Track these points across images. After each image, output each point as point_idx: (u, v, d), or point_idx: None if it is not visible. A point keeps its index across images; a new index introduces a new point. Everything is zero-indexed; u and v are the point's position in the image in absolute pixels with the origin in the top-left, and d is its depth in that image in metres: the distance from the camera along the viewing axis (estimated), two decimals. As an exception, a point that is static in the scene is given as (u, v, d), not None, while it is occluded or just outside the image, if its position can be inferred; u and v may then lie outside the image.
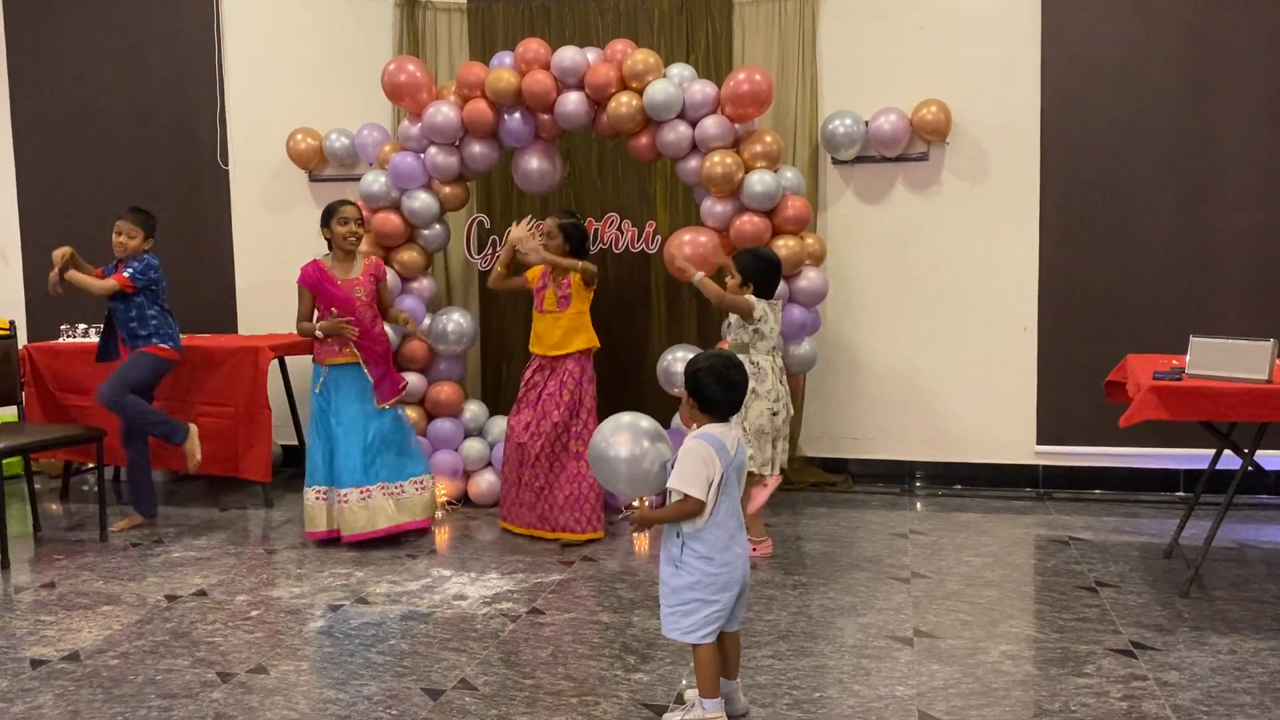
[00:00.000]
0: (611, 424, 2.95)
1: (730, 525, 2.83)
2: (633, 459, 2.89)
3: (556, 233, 4.87)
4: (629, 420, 2.95)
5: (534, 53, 5.20)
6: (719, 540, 2.81)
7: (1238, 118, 5.28)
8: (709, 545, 2.80)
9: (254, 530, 5.19)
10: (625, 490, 2.94)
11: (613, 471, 2.90)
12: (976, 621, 3.74)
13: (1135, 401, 3.82)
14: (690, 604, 2.82)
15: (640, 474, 2.90)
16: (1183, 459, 5.40)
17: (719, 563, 2.81)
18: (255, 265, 6.50)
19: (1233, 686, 3.15)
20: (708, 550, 2.80)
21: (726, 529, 2.82)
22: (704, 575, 2.81)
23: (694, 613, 2.82)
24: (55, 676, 3.39)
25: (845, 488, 5.75)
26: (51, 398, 5.83)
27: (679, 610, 2.84)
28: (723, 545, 2.81)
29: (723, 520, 2.81)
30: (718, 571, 2.81)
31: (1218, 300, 5.34)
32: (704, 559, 2.81)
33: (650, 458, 2.90)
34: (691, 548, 2.82)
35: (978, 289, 5.63)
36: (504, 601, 4.03)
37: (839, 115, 5.56)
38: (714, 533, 2.81)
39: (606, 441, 2.90)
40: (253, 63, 6.46)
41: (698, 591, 2.81)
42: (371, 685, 3.28)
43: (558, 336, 4.86)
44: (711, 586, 2.81)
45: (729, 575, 2.82)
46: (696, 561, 2.81)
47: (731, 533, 2.84)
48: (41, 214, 6.87)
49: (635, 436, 2.90)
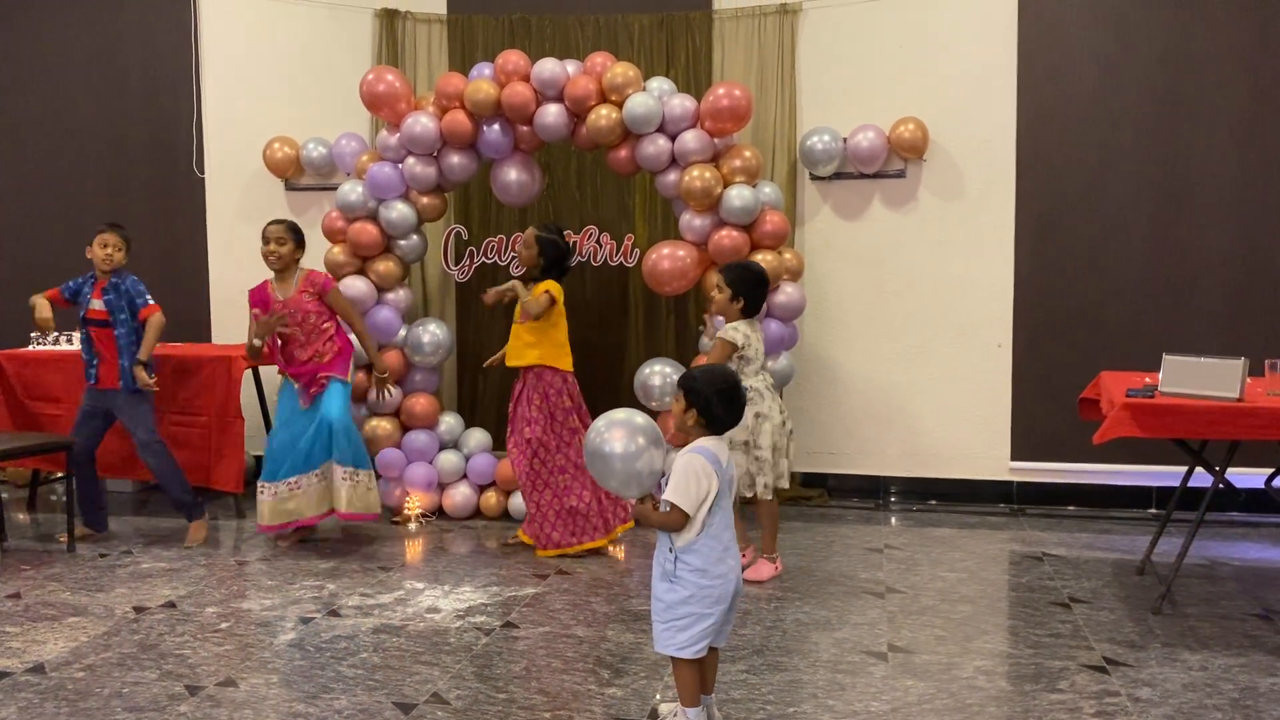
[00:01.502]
0: (606, 420, 2.91)
1: (724, 538, 2.83)
2: (627, 455, 2.84)
3: (533, 244, 4.85)
4: (624, 416, 2.92)
5: (513, 64, 5.20)
6: (713, 553, 2.80)
7: (1211, 136, 5.35)
8: (703, 558, 2.79)
9: (225, 541, 5.13)
10: (616, 487, 2.90)
11: (607, 467, 2.87)
12: (951, 637, 3.74)
13: (1108, 419, 3.85)
14: (685, 618, 2.80)
15: (633, 473, 2.86)
16: (1155, 476, 5.44)
17: (713, 575, 2.80)
18: (230, 275, 6.44)
19: (1204, 703, 3.16)
20: (702, 563, 2.79)
21: (720, 541, 2.81)
22: (698, 589, 2.79)
23: (689, 627, 2.80)
24: (19, 689, 3.33)
25: (821, 502, 5.76)
26: (21, 406, 5.75)
27: (674, 625, 2.82)
28: (717, 558, 2.80)
29: (716, 533, 2.81)
30: (712, 584, 2.80)
31: (1191, 318, 5.39)
32: (698, 572, 2.79)
33: (645, 459, 2.86)
34: (685, 561, 2.80)
35: (953, 305, 5.66)
36: (477, 615, 4.00)
37: (817, 131, 5.59)
38: (708, 545, 2.80)
39: (601, 437, 2.87)
40: (230, 71, 6.43)
41: (693, 605, 2.80)
42: (342, 699, 3.24)
43: (516, 347, 4.88)
44: (706, 600, 2.80)
45: (723, 587, 2.81)
46: (690, 575, 2.80)
47: (725, 545, 2.83)
48: (13, 221, 6.79)
49: (630, 433, 2.86)
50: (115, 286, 4.95)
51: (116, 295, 4.94)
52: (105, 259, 4.94)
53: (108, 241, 4.96)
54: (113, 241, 4.97)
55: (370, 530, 5.24)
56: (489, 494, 5.48)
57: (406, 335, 5.51)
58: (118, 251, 4.98)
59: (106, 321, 4.94)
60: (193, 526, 5.06)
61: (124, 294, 4.94)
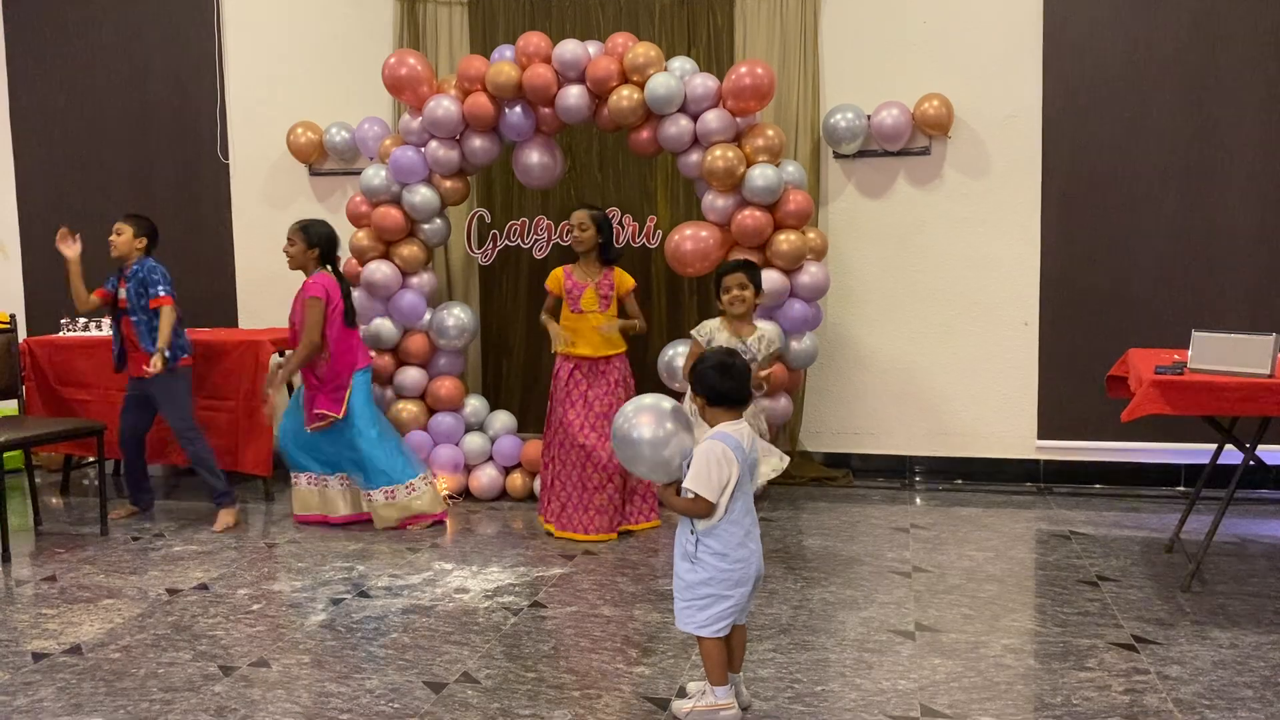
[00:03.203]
0: (634, 405, 2.92)
1: (745, 522, 2.85)
2: (655, 441, 2.85)
3: (589, 223, 4.79)
4: (651, 401, 2.93)
5: (535, 46, 5.19)
6: (734, 537, 2.83)
7: (1240, 111, 5.28)
8: (724, 542, 2.82)
9: (254, 524, 5.19)
10: (645, 473, 2.91)
11: (635, 453, 2.87)
12: (978, 615, 3.74)
13: (1137, 396, 3.82)
14: (705, 599, 2.85)
15: (662, 460, 2.86)
16: (1184, 454, 5.40)
17: (733, 559, 2.83)
18: (256, 259, 6.49)
19: (1234, 680, 3.15)
20: (722, 547, 2.83)
21: (742, 526, 2.84)
22: (718, 571, 2.83)
23: (709, 607, 2.84)
24: (57, 670, 3.39)
25: (846, 482, 5.75)
26: (52, 391, 5.82)
27: (694, 605, 2.86)
28: (738, 542, 2.83)
29: (738, 518, 2.83)
30: (731, 568, 2.83)
31: (1220, 294, 5.34)
32: (718, 555, 2.83)
33: (673, 445, 2.87)
34: (706, 544, 2.84)
35: (979, 283, 5.63)
36: (506, 595, 4.03)
37: (841, 109, 5.56)
38: (729, 529, 2.83)
39: (630, 422, 2.87)
40: (253, 56, 6.45)
41: (712, 587, 2.84)
42: (374, 679, 3.28)
43: (599, 339, 4.80)
44: (726, 582, 2.83)
45: (744, 571, 2.84)
46: (711, 558, 2.83)
47: (747, 529, 2.86)
48: (41, 208, 6.87)
49: (659, 418, 2.87)
50: (135, 275, 5.01)
51: (135, 284, 5.00)
52: (112, 246, 5.03)
53: (114, 229, 5.04)
54: (116, 229, 5.04)
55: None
56: (515, 475, 5.51)
57: (431, 319, 5.53)
58: (118, 237, 5.02)
59: (128, 309, 5.03)
60: (222, 513, 5.12)
61: (140, 282, 5.00)
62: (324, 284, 4.88)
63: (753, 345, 4.45)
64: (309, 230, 4.95)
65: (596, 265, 4.84)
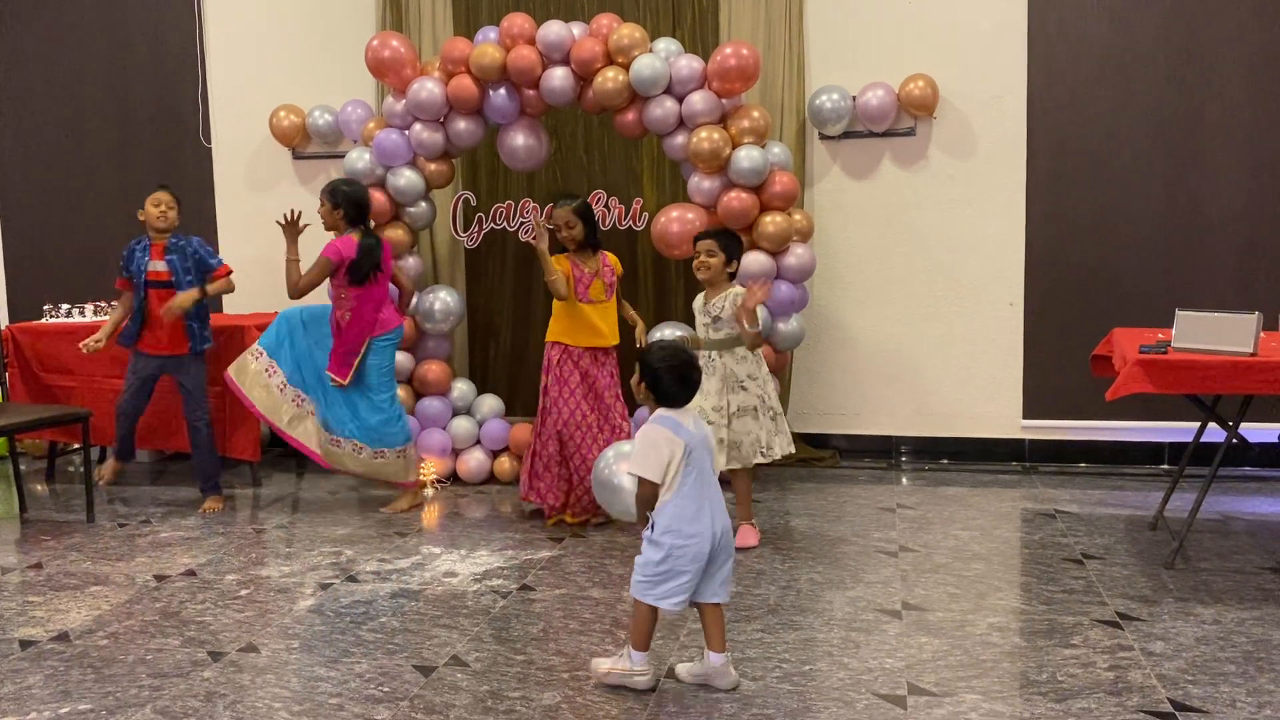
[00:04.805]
0: (615, 451, 3.14)
1: (699, 497, 2.92)
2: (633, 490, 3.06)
3: (575, 221, 4.63)
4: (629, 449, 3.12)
5: (519, 28, 5.16)
6: (686, 513, 2.91)
7: (1225, 91, 5.29)
8: (675, 518, 2.91)
9: (242, 509, 5.18)
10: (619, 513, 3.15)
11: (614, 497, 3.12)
12: (964, 594, 3.76)
13: (1121, 375, 3.84)
14: (662, 574, 2.93)
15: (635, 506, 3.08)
16: (1168, 432, 5.44)
17: (686, 534, 2.90)
18: (239, 244, 6.44)
19: (1217, 656, 3.19)
20: (675, 523, 2.91)
21: (694, 501, 2.91)
22: (673, 548, 2.91)
23: (665, 581, 2.93)
24: (45, 657, 3.39)
25: (832, 463, 5.77)
26: (35, 378, 5.79)
27: (652, 579, 2.95)
28: (690, 517, 2.91)
29: (690, 493, 2.91)
30: (685, 543, 2.90)
31: (1203, 274, 5.37)
32: (671, 532, 2.91)
33: None
34: (660, 524, 2.93)
35: (964, 264, 5.64)
36: (494, 578, 4.04)
37: (826, 90, 5.55)
38: (681, 505, 2.91)
39: (610, 469, 3.15)
40: (234, 39, 6.40)
41: (669, 563, 2.92)
42: (363, 663, 3.29)
43: (608, 328, 4.72)
44: (682, 558, 2.91)
45: (699, 546, 2.91)
46: (665, 536, 2.92)
47: (700, 504, 2.92)
48: (21, 192, 6.80)
49: None
50: (180, 248, 4.96)
51: (181, 256, 4.95)
52: (160, 217, 4.93)
53: (160, 200, 4.96)
54: (165, 200, 4.97)
55: (386, 496, 5.27)
56: (502, 459, 5.51)
57: (417, 303, 5.51)
58: (171, 210, 4.97)
59: (168, 282, 4.94)
60: (209, 500, 5.11)
61: (190, 255, 4.97)
62: (338, 246, 4.82)
63: (714, 307, 4.33)
64: (336, 192, 4.88)
65: (590, 253, 4.74)
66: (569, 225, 4.64)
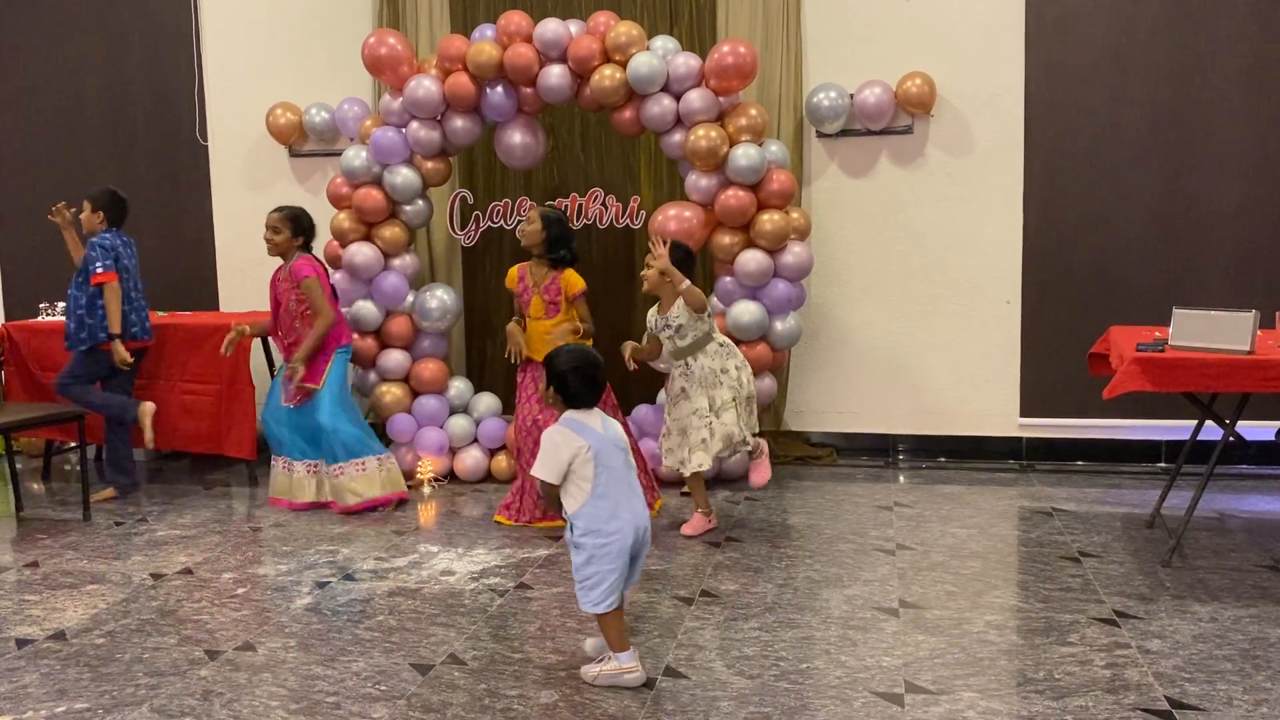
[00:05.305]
0: None
1: (613, 496, 3.00)
2: None
3: (536, 218, 4.68)
4: None
5: (516, 25, 5.16)
6: (602, 513, 2.98)
7: (1222, 88, 5.29)
8: (593, 520, 2.99)
9: (239, 508, 5.17)
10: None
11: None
12: (961, 592, 3.76)
13: (1118, 373, 3.84)
14: (592, 577, 3.00)
15: None
16: (1165, 430, 5.44)
17: (606, 533, 2.98)
18: (236, 243, 6.45)
19: (1214, 654, 3.19)
20: (594, 524, 2.99)
21: (609, 500, 2.99)
22: (596, 549, 2.99)
23: (597, 585, 3.00)
24: (41, 656, 3.38)
25: (830, 461, 5.77)
26: (31, 376, 5.78)
27: (585, 585, 3.02)
28: (608, 515, 2.99)
29: (604, 492, 2.99)
30: (607, 541, 2.98)
31: (1201, 272, 5.37)
32: (591, 533, 2.99)
33: None
34: (579, 526, 3.01)
35: (962, 262, 5.64)
36: (491, 577, 4.04)
37: (823, 88, 5.54)
38: (596, 505, 2.99)
39: None
40: (231, 36, 6.39)
41: (596, 564, 2.99)
42: (360, 661, 3.28)
43: (539, 344, 4.65)
44: (606, 557, 2.99)
45: (620, 542, 2.99)
46: (586, 539, 3.00)
47: (616, 502, 3.00)
48: (17, 191, 6.79)
49: None
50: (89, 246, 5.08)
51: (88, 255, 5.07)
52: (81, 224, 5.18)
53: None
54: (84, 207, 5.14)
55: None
56: (499, 457, 5.51)
57: (414, 301, 5.51)
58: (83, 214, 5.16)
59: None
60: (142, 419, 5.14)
61: (86, 259, 5.08)
62: (313, 264, 4.92)
63: (672, 318, 4.41)
64: (298, 221, 4.96)
65: (546, 266, 4.71)
66: (530, 221, 4.71)
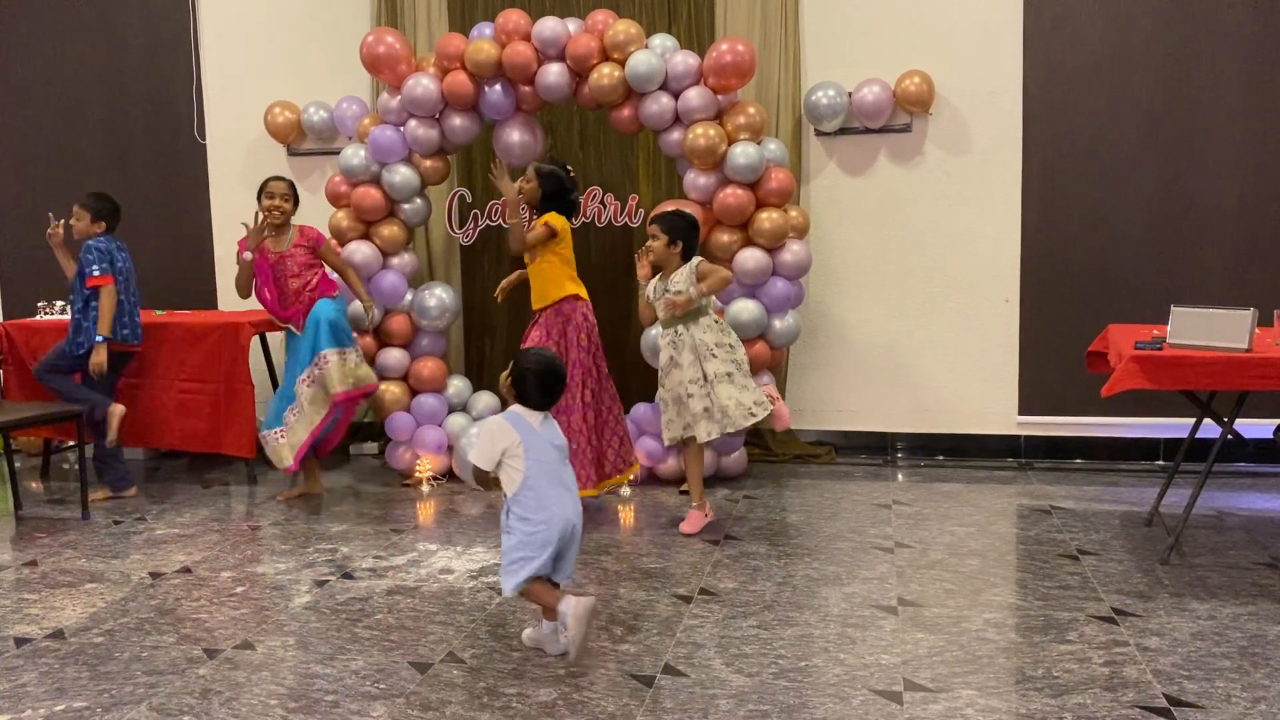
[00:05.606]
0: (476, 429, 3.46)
1: (544, 489, 3.16)
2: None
3: (532, 177, 4.74)
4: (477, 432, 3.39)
5: (514, 23, 5.15)
6: (532, 503, 3.15)
7: (1220, 86, 5.29)
8: (526, 508, 3.16)
9: (237, 506, 5.17)
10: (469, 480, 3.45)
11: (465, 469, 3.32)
12: (960, 590, 3.77)
13: (1117, 371, 3.84)
14: (518, 562, 3.16)
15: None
16: (1163, 428, 5.44)
17: (535, 522, 3.14)
18: (234, 240, 6.42)
19: (1212, 651, 3.19)
20: (524, 512, 3.16)
21: (539, 493, 3.15)
22: (524, 535, 3.15)
23: (521, 569, 3.15)
24: (40, 655, 3.38)
25: (828, 459, 5.78)
26: (30, 375, 5.77)
27: (510, 569, 3.18)
28: (536, 506, 3.15)
29: (534, 485, 3.15)
30: (535, 530, 3.14)
31: (1199, 270, 5.37)
32: (522, 520, 3.16)
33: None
34: (512, 511, 3.18)
35: (960, 260, 5.64)
36: (490, 574, 4.04)
37: (822, 86, 5.54)
38: (527, 495, 3.15)
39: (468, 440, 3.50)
40: (229, 35, 6.38)
41: (522, 550, 3.16)
42: (359, 660, 3.28)
43: (534, 289, 4.75)
44: (532, 544, 3.15)
45: (547, 533, 3.14)
46: (517, 524, 3.17)
47: (545, 495, 3.16)
48: (15, 190, 6.79)
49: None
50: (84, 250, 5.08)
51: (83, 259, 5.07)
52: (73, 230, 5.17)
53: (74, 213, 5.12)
54: (76, 213, 5.13)
55: (382, 493, 5.27)
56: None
57: (412, 299, 5.51)
58: (78, 221, 5.14)
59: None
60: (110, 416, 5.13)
61: (80, 262, 5.08)
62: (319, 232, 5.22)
63: (673, 283, 4.41)
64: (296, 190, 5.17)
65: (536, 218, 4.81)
66: (527, 180, 4.76)
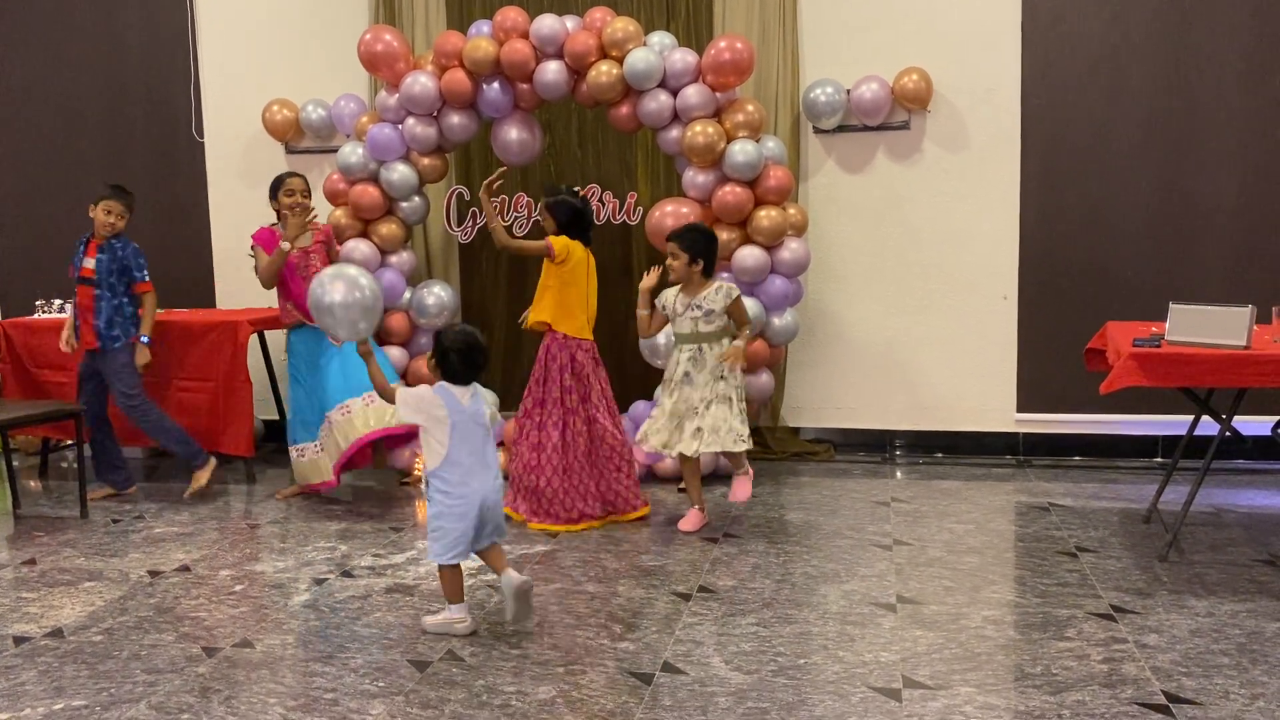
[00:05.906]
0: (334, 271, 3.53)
1: (466, 464, 3.34)
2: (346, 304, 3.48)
3: (546, 215, 4.63)
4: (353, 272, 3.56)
5: (512, 21, 5.15)
6: (455, 477, 3.34)
7: (1219, 83, 5.29)
8: (447, 481, 3.35)
9: (236, 505, 5.17)
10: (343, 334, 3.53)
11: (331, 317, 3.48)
12: (959, 587, 3.77)
13: (1115, 368, 3.85)
14: (437, 530, 3.36)
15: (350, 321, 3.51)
16: (1161, 425, 5.44)
17: (455, 495, 3.34)
18: (232, 238, 6.42)
19: (1211, 648, 3.19)
20: (446, 486, 3.35)
21: (462, 467, 3.34)
22: (445, 506, 3.35)
23: (442, 538, 3.35)
24: (38, 653, 3.38)
25: (827, 457, 5.78)
26: (28, 374, 5.76)
27: (432, 537, 3.38)
28: (459, 480, 3.34)
29: (457, 459, 3.34)
30: (455, 503, 3.34)
31: (1197, 267, 5.37)
32: (443, 493, 3.36)
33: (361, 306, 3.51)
34: (434, 484, 3.38)
35: (958, 257, 5.64)
36: (489, 573, 4.03)
37: (820, 84, 5.54)
38: (450, 470, 3.34)
39: (324, 288, 3.46)
40: (227, 33, 6.37)
41: (442, 520, 3.35)
42: (358, 658, 3.28)
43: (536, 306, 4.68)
44: (452, 515, 3.34)
45: (465, 506, 3.34)
46: (438, 495, 3.36)
47: (468, 470, 3.35)
48: (13, 189, 6.77)
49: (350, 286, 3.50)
50: (112, 249, 5.00)
51: (110, 258, 5.00)
52: (106, 226, 4.99)
53: (111, 209, 5.00)
54: (116, 210, 5.02)
55: (381, 491, 5.27)
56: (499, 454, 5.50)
57: (411, 297, 5.51)
58: (120, 220, 5.04)
59: (93, 280, 5.00)
60: (195, 474, 5.13)
61: (119, 259, 5.00)
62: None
63: (706, 301, 4.38)
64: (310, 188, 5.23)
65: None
66: (543, 218, 4.72)
